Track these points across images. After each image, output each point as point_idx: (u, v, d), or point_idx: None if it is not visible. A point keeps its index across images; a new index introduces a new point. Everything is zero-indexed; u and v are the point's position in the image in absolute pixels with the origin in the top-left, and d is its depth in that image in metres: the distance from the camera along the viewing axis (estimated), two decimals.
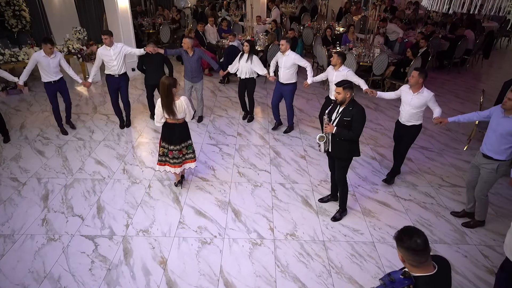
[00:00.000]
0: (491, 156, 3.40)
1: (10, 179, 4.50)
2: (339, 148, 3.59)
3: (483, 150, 3.49)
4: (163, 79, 3.67)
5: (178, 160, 4.03)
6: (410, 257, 1.71)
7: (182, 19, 11.60)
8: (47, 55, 5.08)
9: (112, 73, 5.50)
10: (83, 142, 5.47)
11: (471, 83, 8.48)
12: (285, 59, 5.32)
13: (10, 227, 3.71)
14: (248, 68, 5.71)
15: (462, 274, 3.27)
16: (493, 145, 3.36)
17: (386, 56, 7.12)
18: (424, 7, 7.13)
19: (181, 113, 3.81)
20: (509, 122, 3.21)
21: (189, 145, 4.09)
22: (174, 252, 3.44)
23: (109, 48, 5.32)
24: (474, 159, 3.65)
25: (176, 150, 3.97)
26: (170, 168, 4.06)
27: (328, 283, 3.15)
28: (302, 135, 5.82)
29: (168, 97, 3.67)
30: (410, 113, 4.09)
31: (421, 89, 3.94)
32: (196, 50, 5.63)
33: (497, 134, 3.31)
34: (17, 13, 8.79)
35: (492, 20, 12.91)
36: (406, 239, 1.70)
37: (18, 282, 3.09)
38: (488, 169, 3.45)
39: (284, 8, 14.56)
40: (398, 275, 1.75)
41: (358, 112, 3.39)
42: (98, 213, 3.95)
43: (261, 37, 8.82)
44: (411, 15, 12.27)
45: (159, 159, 4.07)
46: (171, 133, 3.93)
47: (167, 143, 3.97)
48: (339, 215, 3.92)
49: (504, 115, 3.26)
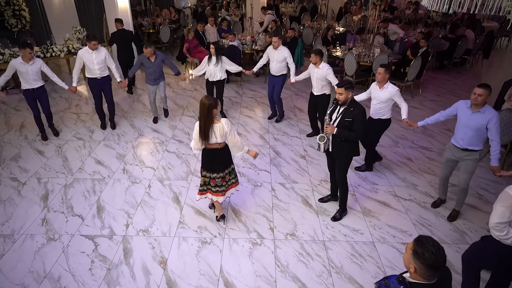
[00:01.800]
0: (472, 149, 3.53)
1: (10, 179, 4.50)
2: (339, 148, 3.59)
3: (462, 145, 3.57)
4: (203, 99, 3.15)
5: (221, 188, 3.54)
6: (426, 272, 1.64)
7: (182, 19, 11.60)
8: (25, 61, 4.90)
9: (94, 76, 5.44)
10: (83, 142, 5.46)
11: (471, 83, 8.48)
12: (277, 54, 5.68)
13: (10, 227, 3.71)
14: (218, 70, 5.79)
15: (461, 274, 3.26)
16: (471, 140, 3.49)
17: (386, 56, 7.11)
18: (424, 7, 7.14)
19: (222, 137, 3.29)
20: (479, 117, 3.37)
21: (232, 170, 3.60)
22: (174, 252, 3.44)
23: (91, 51, 5.27)
24: (450, 154, 3.74)
25: (219, 178, 3.48)
26: (212, 196, 3.59)
27: (328, 283, 3.15)
28: (302, 135, 5.82)
29: (208, 119, 3.15)
30: (377, 107, 4.35)
31: (386, 84, 4.22)
32: (159, 55, 5.64)
33: (472, 129, 3.43)
34: (17, 12, 8.78)
35: (492, 20, 12.92)
36: (429, 256, 1.61)
37: (18, 282, 3.09)
38: (471, 159, 3.59)
39: (284, 8, 14.56)
40: (393, 280, 1.73)
41: (359, 113, 3.38)
42: (98, 213, 3.95)
43: (261, 37, 8.82)
44: (411, 15, 12.27)
45: (200, 189, 3.59)
46: (212, 160, 3.43)
47: (209, 171, 3.47)
48: (339, 215, 3.92)
49: (473, 111, 3.40)
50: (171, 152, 5.23)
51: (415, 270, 1.66)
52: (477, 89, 3.34)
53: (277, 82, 5.92)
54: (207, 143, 3.27)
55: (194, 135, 3.32)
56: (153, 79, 5.77)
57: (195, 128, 3.27)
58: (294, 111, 6.72)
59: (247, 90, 7.80)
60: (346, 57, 7.21)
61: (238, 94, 7.52)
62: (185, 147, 5.37)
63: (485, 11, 4.82)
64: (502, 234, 2.42)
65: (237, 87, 7.90)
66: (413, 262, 1.65)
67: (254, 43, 8.57)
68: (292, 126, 6.11)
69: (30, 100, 5.20)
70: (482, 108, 3.36)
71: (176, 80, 8.25)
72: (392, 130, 6.00)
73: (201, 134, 3.22)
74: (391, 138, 5.76)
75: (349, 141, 3.52)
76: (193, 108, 6.73)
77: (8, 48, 7.22)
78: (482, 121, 3.35)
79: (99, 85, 5.55)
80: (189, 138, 5.63)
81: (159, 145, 5.41)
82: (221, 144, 3.35)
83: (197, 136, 3.26)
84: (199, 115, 3.20)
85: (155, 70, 5.67)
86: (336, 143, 3.58)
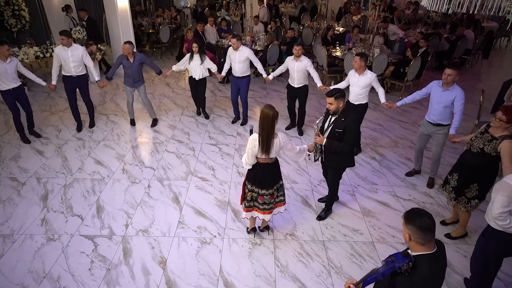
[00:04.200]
0: (442, 123, 4.11)
1: (10, 179, 4.49)
2: (332, 158, 3.55)
3: (433, 121, 4.15)
4: (266, 109, 2.94)
5: (269, 206, 3.34)
6: (418, 235, 1.81)
7: (181, 19, 11.60)
8: (2, 59, 4.77)
9: (69, 74, 5.36)
10: (82, 142, 5.46)
11: (470, 83, 8.48)
12: (238, 54, 5.62)
13: (9, 227, 3.70)
14: (201, 68, 5.84)
15: (461, 273, 3.27)
16: (442, 115, 4.07)
17: (385, 56, 7.12)
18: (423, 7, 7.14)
19: (276, 152, 3.12)
20: (449, 94, 3.94)
21: (280, 186, 3.39)
22: (173, 252, 3.44)
23: (66, 49, 5.18)
24: (423, 130, 4.33)
25: (268, 195, 3.27)
26: (258, 214, 3.39)
27: (327, 283, 3.15)
28: (301, 135, 5.82)
29: (271, 131, 2.95)
30: (357, 93, 4.68)
31: (365, 71, 4.57)
32: (137, 55, 5.46)
33: (442, 105, 4.00)
34: (16, 12, 8.76)
35: (491, 20, 12.92)
36: (417, 218, 1.81)
37: (18, 282, 3.09)
38: (441, 134, 4.18)
39: (283, 8, 14.56)
40: (399, 255, 1.86)
41: (350, 123, 3.30)
42: (98, 213, 3.94)
43: (260, 37, 8.82)
44: (411, 15, 12.27)
45: (246, 204, 3.37)
46: (264, 175, 3.21)
47: (259, 186, 3.24)
48: (324, 214, 3.93)
49: (444, 89, 3.97)
50: (170, 152, 5.23)
51: (409, 237, 1.85)
52: (447, 70, 3.87)
53: (242, 83, 5.84)
54: (267, 156, 3.07)
55: (249, 149, 3.04)
56: (132, 81, 5.55)
57: (251, 141, 3.01)
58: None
59: None
60: (346, 57, 7.21)
61: None
62: (184, 147, 5.37)
63: (484, 11, 4.83)
64: (506, 223, 2.49)
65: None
66: (407, 230, 1.85)
67: (254, 43, 8.57)
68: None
69: (10, 101, 5.07)
70: (451, 87, 3.93)
71: (176, 80, 8.25)
72: (392, 130, 6.01)
73: (263, 147, 2.98)
74: (390, 138, 5.76)
75: (341, 153, 3.43)
76: (192, 108, 6.73)
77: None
78: (451, 97, 3.92)
79: (74, 84, 5.45)
80: (189, 138, 5.63)
81: (158, 145, 5.41)
82: (272, 159, 3.16)
83: (255, 149, 3.01)
84: (261, 126, 2.94)
85: (133, 71, 5.45)
86: (328, 154, 3.53)
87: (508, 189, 2.43)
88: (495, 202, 2.51)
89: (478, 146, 3.18)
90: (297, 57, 5.20)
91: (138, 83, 5.63)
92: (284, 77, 7.84)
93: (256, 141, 2.99)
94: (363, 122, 6.24)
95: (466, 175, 3.38)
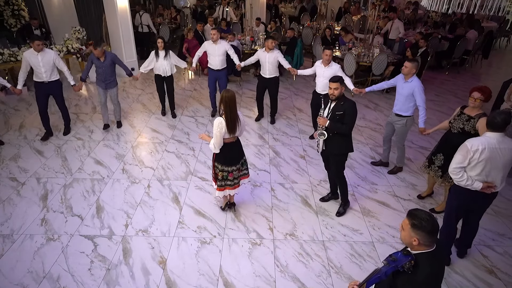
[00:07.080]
0: (401, 114, 4.34)
1: (9, 179, 4.49)
2: (333, 144, 3.65)
3: (395, 111, 4.41)
4: (229, 93, 3.27)
5: (238, 179, 3.70)
6: (427, 239, 1.81)
7: (181, 19, 11.58)
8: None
9: (40, 80, 5.10)
10: (82, 142, 5.46)
11: (470, 83, 8.48)
12: (217, 47, 5.82)
13: (9, 227, 3.70)
14: (168, 64, 5.87)
15: (461, 274, 3.27)
16: (402, 106, 4.30)
17: (385, 56, 7.12)
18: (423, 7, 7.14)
19: (241, 131, 3.51)
20: (409, 85, 4.17)
21: (244, 161, 3.73)
22: (173, 252, 3.44)
23: (36, 54, 4.92)
24: (389, 118, 4.58)
25: (236, 170, 3.61)
26: (230, 190, 3.70)
27: (327, 283, 3.15)
28: (301, 135, 5.82)
29: (234, 111, 3.29)
30: (324, 83, 4.85)
31: (330, 63, 4.89)
32: (108, 54, 5.32)
33: (403, 96, 4.23)
34: (16, 12, 8.77)
35: (491, 20, 12.92)
36: (426, 223, 1.80)
37: (17, 282, 3.09)
38: (399, 125, 4.42)
39: (283, 8, 14.56)
40: (399, 254, 1.86)
41: (349, 106, 3.48)
42: (98, 213, 3.94)
43: (260, 37, 8.81)
44: (411, 15, 12.27)
45: (218, 184, 3.63)
46: (232, 153, 3.54)
47: (227, 165, 3.55)
48: (342, 209, 3.97)
49: (405, 81, 4.20)
50: (170, 152, 5.23)
51: (418, 242, 1.82)
52: (405, 63, 4.14)
53: (221, 76, 6.05)
54: (233, 135, 3.41)
55: (217, 132, 3.28)
56: (103, 81, 5.39)
57: (218, 124, 3.25)
58: (293, 111, 6.72)
59: (246, 90, 7.80)
60: (346, 57, 7.21)
61: (237, 94, 7.51)
62: (184, 147, 5.36)
63: (484, 11, 4.83)
64: (458, 177, 2.85)
65: (237, 87, 7.90)
66: (415, 235, 1.82)
67: (253, 43, 8.57)
68: (291, 126, 6.11)
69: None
70: (410, 78, 4.16)
71: (176, 80, 8.22)
72: None
73: (230, 127, 3.31)
74: None
75: (341, 136, 3.58)
76: (192, 108, 6.73)
77: (7, 48, 7.21)
78: (409, 89, 4.15)
79: (46, 90, 5.20)
80: (189, 138, 5.63)
81: (158, 145, 5.41)
82: (235, 138, 3.52)
83: (222, 131, 3.28)
84: (227, 109, 3.26)
85: (104, 71, 5.29)
86: (329, 139, 3.64)
87: (464, 149, 2.79)
88: (453, 160, 2.88)
89: (458, 126, 3.54)
90: (269, 49, 5.51)
91: (111, 84, 5.47)
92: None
93: (222, 123, 3.28)
94: (363, 122, 6.25)
95: (450, 153, 3.39)
